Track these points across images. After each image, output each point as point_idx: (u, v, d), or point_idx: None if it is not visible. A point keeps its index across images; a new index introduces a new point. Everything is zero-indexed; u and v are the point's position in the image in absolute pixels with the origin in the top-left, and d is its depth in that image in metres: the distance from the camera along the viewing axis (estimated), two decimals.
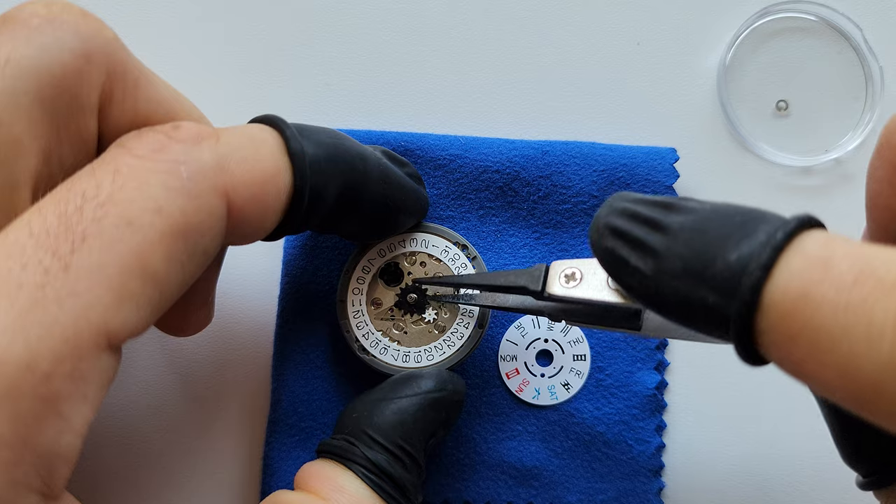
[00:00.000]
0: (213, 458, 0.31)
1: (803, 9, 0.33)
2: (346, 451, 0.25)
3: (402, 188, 0.27)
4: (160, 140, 0.21)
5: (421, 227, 0.29)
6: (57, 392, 0.18)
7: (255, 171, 0.22)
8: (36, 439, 0.18)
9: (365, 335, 0.29)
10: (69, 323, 0.18)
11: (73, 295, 0.18)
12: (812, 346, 0.16)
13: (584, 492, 0.30)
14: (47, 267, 0.18)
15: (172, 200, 0.20)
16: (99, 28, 0.21)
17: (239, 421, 0.31)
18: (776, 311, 0.17)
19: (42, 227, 0.18)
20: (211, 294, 0.27)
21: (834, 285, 0.16)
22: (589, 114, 0.33)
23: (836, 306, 0.16)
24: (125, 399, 0.31)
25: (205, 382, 0.31)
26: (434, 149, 0.31)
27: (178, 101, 0.23)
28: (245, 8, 0.34)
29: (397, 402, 0.26)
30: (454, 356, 0.29)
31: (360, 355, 0.28)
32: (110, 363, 0.19)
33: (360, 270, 0.29)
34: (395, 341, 0.29)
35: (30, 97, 0.20)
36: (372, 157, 0.26)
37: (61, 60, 0.20)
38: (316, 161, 0.24)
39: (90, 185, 0.19)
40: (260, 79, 0.33)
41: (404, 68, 0.33)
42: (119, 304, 0.19)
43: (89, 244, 0.18)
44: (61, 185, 0.20)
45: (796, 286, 0.17)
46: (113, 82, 0.21)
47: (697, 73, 0.34)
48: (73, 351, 0.18)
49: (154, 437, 0.31)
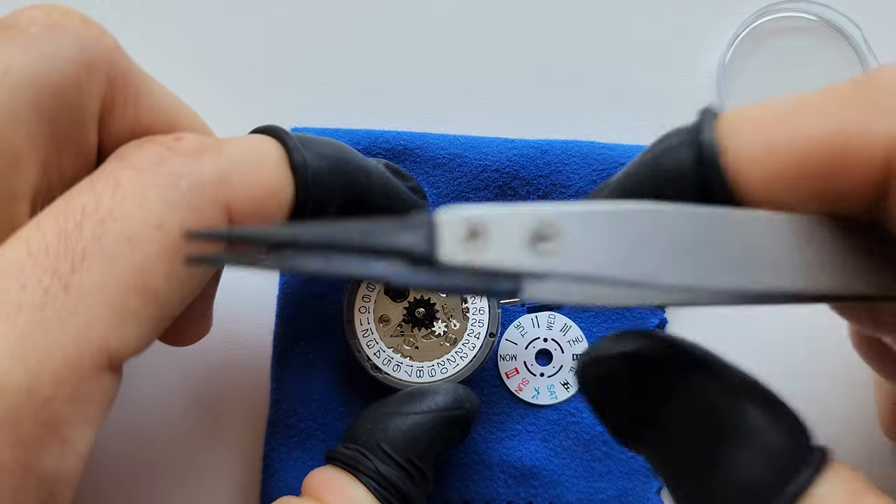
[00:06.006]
0: (213, 458, 0.31)
1: (802, 8, 0.34)
2: (358, 462, 0.25)
3: (405, 202, 0.27)
4: (161, 152, 0.20)
5: None
6: (58, 415, 0.18)
7: (257, 185, 0.22)
8: (38, 464, 0.17)
9: (376, 353, 0.28)
10: (70, 345, 0.18)
11: (74, 315, 0.18)
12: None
13: (584, 491, 0.30)
14: (47, 287, 0.18)
15: (172, 215, 0.19)
16: (99, 35, 0.21)
17: (238, 421, 0.31)
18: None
19: (41, 245, 0.18)
20: (209, 306, 0.27)
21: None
22: (588, 113, 0.33)
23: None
24: (121, 400, 0.31)
25: (203, 383, 0.31)
26: (433, 148, 0.31)
27: (180, 110, 0.23)
28: (244, 6, 0.34)
29: (412, 418, 0.26)
30: (468, 367, 0.28)
31: (373, 374, 0.28)
32: (111, 383, 0.19)
33: (365, 288, 0.29)
34: (406, 357, 0.28)
35: (29, 108, 0.19)
36: (375, 170, 0.26)
37: (61, 70, 0.20)
38: (318, 174, 0.23)
39: (89, 200, 0.19)
40: (259, 78, 0.33)
41: (404, 67, 0.33)
42: (120, 324, 0.18)
43: (89, 262, 0.18)
44: (60, 199, 0.19)
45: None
46: (114, 91, 0.21)
47: (697, 73, 0.34)
48: (74, 373, 0.18)
49: (152, 437, 0.30)
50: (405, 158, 0.31)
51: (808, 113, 0.18)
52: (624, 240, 0.17)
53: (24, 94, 0.19)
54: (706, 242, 0.18)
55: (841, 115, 0.17)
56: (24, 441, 0.17)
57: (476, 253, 0.16)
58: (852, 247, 0.18)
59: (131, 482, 0.30)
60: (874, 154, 0.17)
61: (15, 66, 0.19)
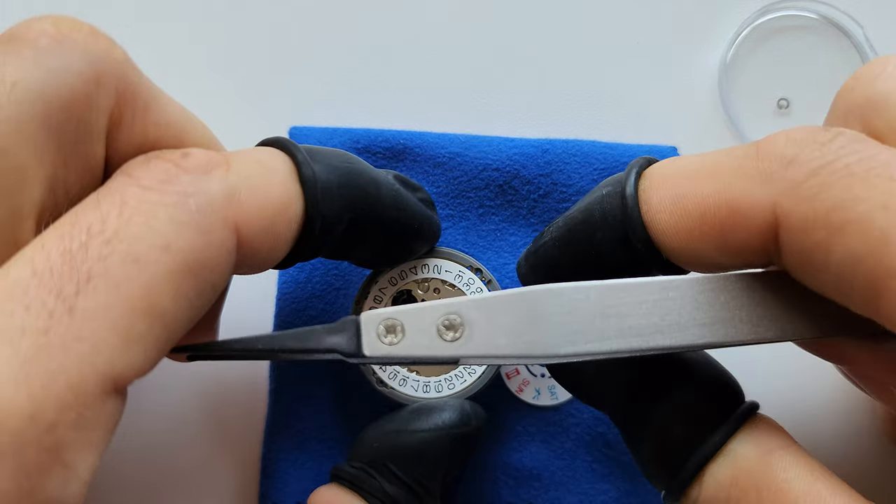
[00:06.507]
0: (211, 460, 0.30)
1: (804, 6, 0.33)
2: (364, 482, 0.25)
3: (415, 214, 0.27)
4: (168, 169, 0.20)
5: (432, 252, 0.29)
6: (62, 442, 0.17)
7: (266, 202, 0.21)
8: (41, 491, 0.17)
9: (382, 368, 0.28)
10: (74, 370, 0.17)
11: (79, 340, 0.17)
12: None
13: (585, 492, 0.30)
14: (51, 310, 0.17)
15: (181, 236, 0.19)
16: (109, 48, 0.20)
17: (237, 423, 0.31)
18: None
19: (45, 266, 0.18)
20: (215, 322, 0.26)
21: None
22: (589, 112, 0.33)
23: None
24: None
25: (202, 385, 0.31)
26: (433, 147, 0.31)
27: (189, 122, 0.22)
28: (245, 6, 0.34)
29: (419, 436, 0.26)
30: (475, 384, 0.28)
31: (378, 388, 0.28)
32: (116, 407, 0.18)
33: (373, 300, 0.28)
34: (413, 371, 0.28)
35: (36, 123, 0.19)
36: (385, 182, 0.26)
37: (69, 84, 0.19)
38: (328, 188, 0.23)
39: (95, 220, 0.19)
40: (259, 77, 0.33)
41: (404, 66, 0.33)
42: (126, 347, 0.18)
43: (94, 284, 0.18)
44: (65, 217, 0.19)
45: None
46: (122, 106, 0.21)
47: (698, 71, 0.34)
48: (78, 398, 0.17)
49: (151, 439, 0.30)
50: (405, 157, 0.31)
51: (707, 173, 0.21)
52: (524, 320, 0.20)
53: (31, 109, 0.19)
54: (601, 314, 0.21)
55: (731, 178, 0.20)
56: (26, 467, 0.17)
57: (393, 347, 0.21)
58: (763, 298, 0.21)
59: (130, 484, 0.30)
60: (757, 214, 0.19)
61: (23, 81, 0.19)
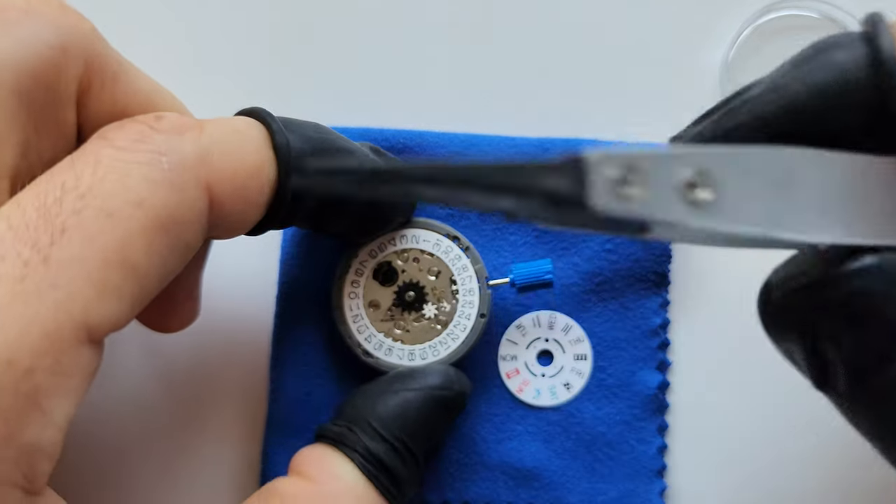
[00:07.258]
0: (212, 456, 0.31)
1: (806, 6, 0.33)
2: (345, 437, 0.25)
3: None
4: (142, 130, 0.21)
5: (409, 223, 0.29)
6: (38, 387, 0.18)
7: (238, 165, 0.22)
8: (18, 435, 0.18)
9: (367, 339, 0.29)
10: (50, 317, 0.18)
11: (54, 288, 0.18)
12: None
13: (586, 493, 0.30)
14: (26, 259, 0.18)
15: (153, 193, 0.20)
16: (77, 21, 0.21)
17: (237, 412, 0.31)
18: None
19: (21, 220, 0.18)
20: (195, 289, 0.27)
21: None
22: (590, 111, 0.33)
23: None
24: (121, 399, 0.31)
25: (203, 381, 0.31)
26: (433, 146, 0.31)
27: (159, 93, 0.23)
28: (243, 6, 0.34)
29: (402, 395, 0.26)
30: (459, 349, 0.28)
31: (364, 359, 0.28)
32: (92, 357, 0.19)
33: (354, 274, 0.29)
34: (398, 341, 0.29)
35: (7, 90, 0.20)
36: (359, 152, 0.26)
37: (38, 53, 0.20)
38: (301, 156, 0.24)
39: (70, 177, 0.19)
40: (255, 75, 0.33)
41: (403, 65, 0.33)
42: (100, 298, 0.19)
43: (69, 236, 0.18)
44: (41, 178, 0.20)
45: None
46: (91, 74, 0.21)
47: (699, 71, 0.33)
48: (54, 345, 0.18)
49: (151, 437, 0.30)
50: (405, 157, 0.31)
51: None
52: (780, 189, 0.16)
53: (2, 77, 0.20)
54: (863, 192, 0.16)
55: None
56: (4, 412, 0.17)
57: (628, 202, 0.15)
58: None
59: (129, 476, 0.30)
60: None
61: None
